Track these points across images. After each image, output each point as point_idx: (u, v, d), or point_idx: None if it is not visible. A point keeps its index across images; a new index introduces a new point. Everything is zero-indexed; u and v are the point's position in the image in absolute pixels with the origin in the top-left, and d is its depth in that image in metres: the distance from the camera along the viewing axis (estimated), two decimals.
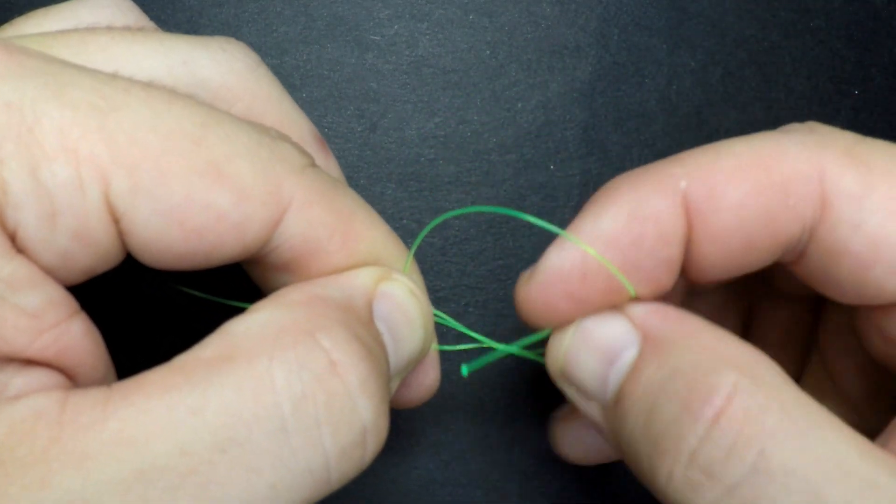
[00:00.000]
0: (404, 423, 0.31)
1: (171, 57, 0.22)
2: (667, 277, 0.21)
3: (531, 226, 0.31)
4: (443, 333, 0.30)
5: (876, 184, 0.20)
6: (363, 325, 0.20)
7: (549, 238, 0.31)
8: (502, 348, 0.24)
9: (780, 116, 0.32)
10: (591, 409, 0.22)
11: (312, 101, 0.31)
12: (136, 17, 0.24)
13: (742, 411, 0.18)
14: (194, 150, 0.18)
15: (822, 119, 0.32)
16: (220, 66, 0.23)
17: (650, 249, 0.21)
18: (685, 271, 0.22)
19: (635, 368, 0.20)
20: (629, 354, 0.21)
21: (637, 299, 0.22)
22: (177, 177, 0.18)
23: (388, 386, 0.20)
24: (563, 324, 0.22)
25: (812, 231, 0.21)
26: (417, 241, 0.24)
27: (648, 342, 0.21)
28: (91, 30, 0.22)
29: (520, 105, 0.32)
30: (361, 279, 0.21)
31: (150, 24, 0.24)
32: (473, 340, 0.30)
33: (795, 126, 0.22)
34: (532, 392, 0.31)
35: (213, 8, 0.31)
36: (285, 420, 0.17)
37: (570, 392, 0.22)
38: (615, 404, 0.21)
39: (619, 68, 0.32)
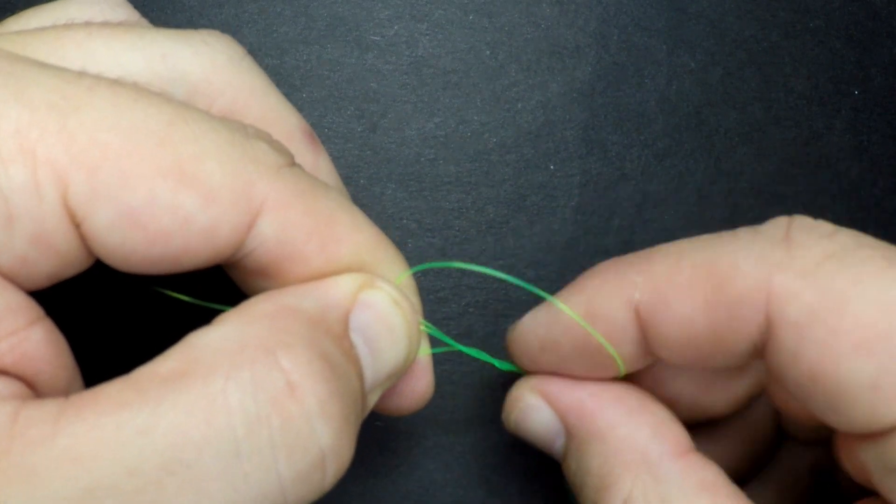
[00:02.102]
0: (404, 425, 0.31)
1: (150, 51, 0.21)
2: (615, 370, 0.23)
3: (531, 226, 0.31)
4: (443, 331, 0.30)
5: (825, 312, 0.19)
6: (333, 341, 0.19)
7: (549, 239, 0.31)
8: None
9: (780, 116, 0.32)
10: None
11: (312, 101, 0.31)
12: (125, 13, 0.23)
13: None
14: (158, 150, 0.18)
15: (822, 119, 0.33)
16: (201, 59, 0.22)
17: (598, 345, 0.22)
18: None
19: (565, 458, 0.24)
20: (559, 444, 0.24)
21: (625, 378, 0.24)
22: (139, 178, 0.17)
23: (358, 404, 0.20)
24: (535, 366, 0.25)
25: (762, 349, 0.20)
26: (403, 276, 0.23)
27: (569, 438, 0.24)
28: (68, 26, 0.21)
29: (520, 105, 0.32)
30: (340, 287, 0.20)
31: (141, 21, 0.24)
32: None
33: (766, 228, 0.21)
34: None
35: (213, 8, 0.31)
36: (238, 443, 0.17)
37: None
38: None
39: (618, 68, 0.32)
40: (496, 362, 0.26)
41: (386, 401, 0.24)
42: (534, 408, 0.24)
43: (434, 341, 0.25)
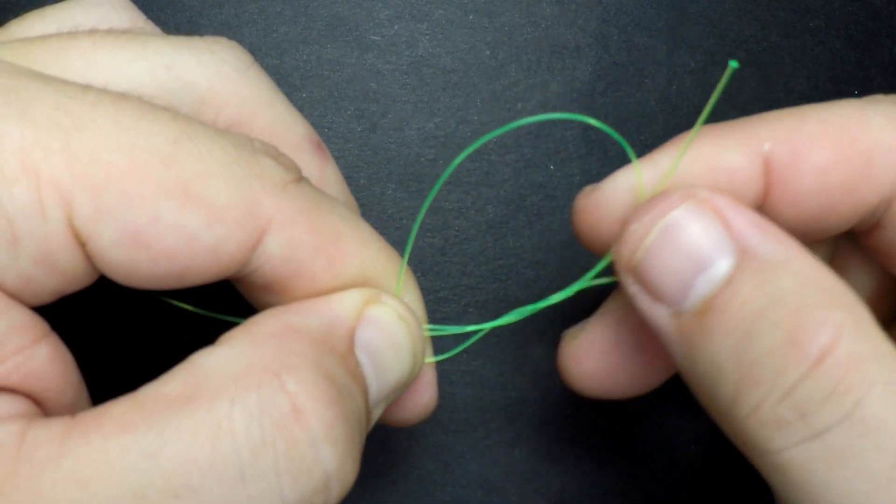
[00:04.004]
0: None
1: (154, 61, 0.21)
2: None
3: (531, 226, 0.31)
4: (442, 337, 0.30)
5: None
6: (338, 360, 0.19)
7: (550, 238, 0.31)
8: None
9: None
10: (657, 314, 0.20)
11: (312, 101, 0.31)
12: (130, 16, 0.23)
13: (846, 356, 0.17)
14: (162, 169, 0.18)
15: None
16: (206, 69, 0.22)
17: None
18: None
19: (730, 283, 0.19)
20: (723, 266, 0.19)
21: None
22: (143, 198, 0.17)
23: (362, 423, 0.20)
24: (606, 246, 0.22)
25: (889, 203, 0.21)
26: (407, 250, 0.23)
27: (746, 258, 0.19)
28: (72, 34, 0.21)
29: (520, 105, 0.32)
30: (345, 304, 0.20)
31: (147, 24, 0.23)
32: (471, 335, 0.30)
33: (880, 98, 0.22)
34: (533, 392, 0.31)
35: (213, 8, 0.31)
36: (243, 468, 0.17)
37: (634, 289, 0.21)
38: (698, 317, 0.19)
39: (619, 68, 0.32)
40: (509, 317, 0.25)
41: (390, 413, 0.23)
42: (698, 219, 0.20)
43: (437, 347, 0.25)
